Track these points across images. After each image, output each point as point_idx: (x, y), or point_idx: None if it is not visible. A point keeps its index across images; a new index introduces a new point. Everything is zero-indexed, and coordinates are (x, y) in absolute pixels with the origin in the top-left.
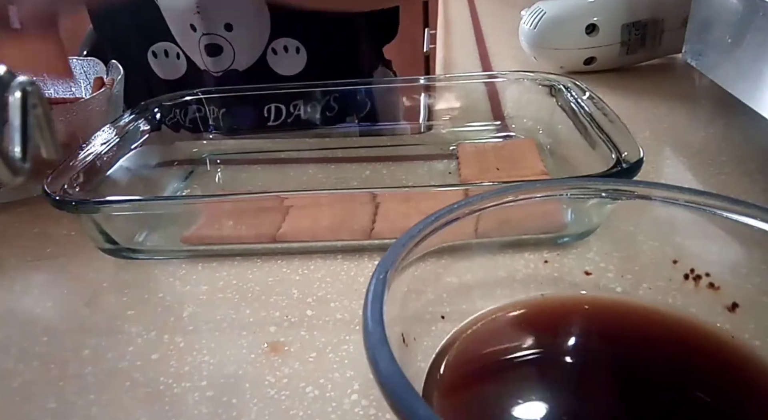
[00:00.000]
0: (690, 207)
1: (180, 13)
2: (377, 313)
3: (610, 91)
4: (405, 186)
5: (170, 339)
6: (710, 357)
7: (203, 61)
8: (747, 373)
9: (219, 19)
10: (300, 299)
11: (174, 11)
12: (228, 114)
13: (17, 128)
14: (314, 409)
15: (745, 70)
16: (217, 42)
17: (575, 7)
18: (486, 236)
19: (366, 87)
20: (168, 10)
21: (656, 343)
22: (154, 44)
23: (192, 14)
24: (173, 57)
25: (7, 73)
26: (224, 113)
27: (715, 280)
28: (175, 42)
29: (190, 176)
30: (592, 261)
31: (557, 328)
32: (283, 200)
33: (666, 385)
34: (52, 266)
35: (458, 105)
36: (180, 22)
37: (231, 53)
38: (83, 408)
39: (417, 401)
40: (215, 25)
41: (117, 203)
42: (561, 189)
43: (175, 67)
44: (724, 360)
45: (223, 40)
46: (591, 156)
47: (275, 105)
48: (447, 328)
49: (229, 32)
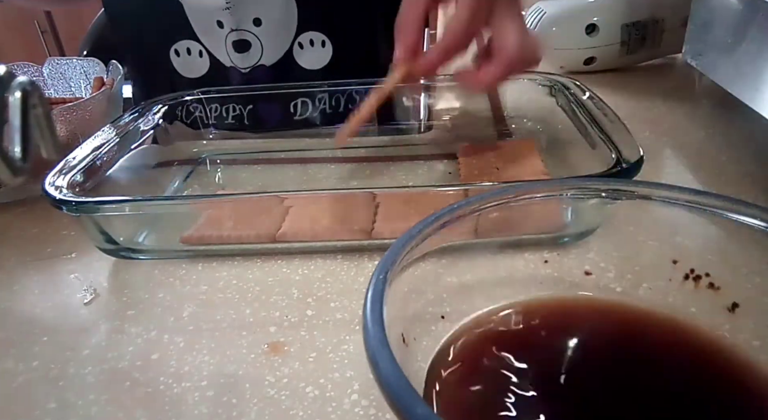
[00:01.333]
0: (690, 207)
1: (206, 11)
2: (377, 313)
3: (610, 91)
4: (405, 186)
5: (170, 339)
6: (709, 357)
7: (230, 58)
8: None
9: (248, 14)
10: (300, 299)
11: (199, 9)
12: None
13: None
14: (314, 409)
15: (745, 70)
16: (246, 38)
17: (575, 7)
18: (486, 236)
19: (366, 87)
20: (193, 8)
21: (656, 343)
22: (176, 43)
23: (221, 11)
24: (195, 55)
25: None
26: (250, 110)
27: (715, 280)
28: (197, 40)
29: (190, 176)
30: (592, 261)
31: (557, 329)
32: (283, 200)
33: (666, 386)
34: (52, 266)
35: (458, 105)
36: (205, 20)
37: (259, 48)
38: (83, 408)
39: (417, 401)
40: (244, 21)
41: (117, 203)
42: (561, 189)
43: (198, 65)
44: (724, 360)
45: (252, 35)
46: (591, 156)
47: (301, 100)
48: (447, 328)
49: (257, 27)
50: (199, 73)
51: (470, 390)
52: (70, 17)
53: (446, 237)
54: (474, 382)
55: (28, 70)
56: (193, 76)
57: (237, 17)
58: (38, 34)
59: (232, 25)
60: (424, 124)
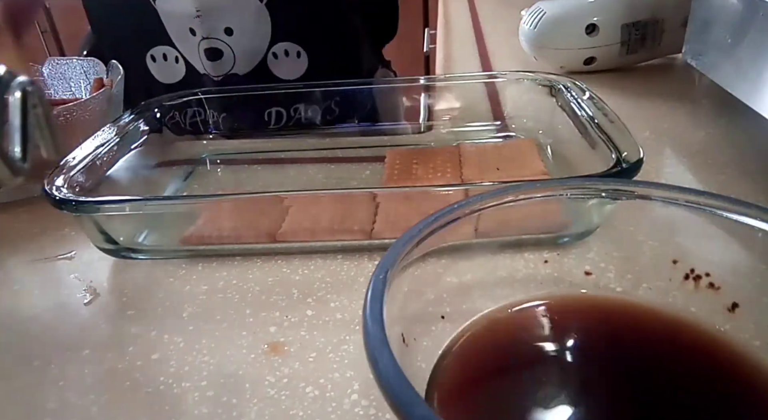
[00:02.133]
0: (690, 207)
1: (179, 17)
2: (377, 313)
3: (610, 91)
4: (405, 186)
5: (170, 339)
6: (709, 357)
7: (203, 66)
8: (746, 374)
9: (219, 23)
10: (300, 299)
11: (173, 15)
12: (228, 118)
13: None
14: (314, 409)
15: (745, 70)
16: (217, 46)
17: (575, 7)
18: (486, 236)
19: (366, 87)
20: (167, 14)
21: (656, 343)
22: (153, 48)
23: (192, 18)
24: (172, 61)
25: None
26: (224, 117)
27: (715, 280)
28: (173, 46)
29: (190, 176)
30: (592, 261)
31: (557, 329)
32: (283, 200)
33: (665, 386)
34: (52, 266)
35: (458, 105)
36: (179, 26)
37: (231, 57)
38: (83, 408)
39: (417, 401)
40: (215, 30)
41: (117, 203)
42: (561, 189)
43: (174, 71)
44: (723, 360)
45: (224, 44)
46: (591, 156)
47: (276, 109)
48: (447, 328)
49: (229, 36)
50: (175, 79)
51: (471, 391)
52: (70, 17)
53: (446, 237)
54: (475, 382)
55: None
56: (169, 82)
57: (207, 26)
58: (38, 34)
59: (203, 33)
60: (424, 124)
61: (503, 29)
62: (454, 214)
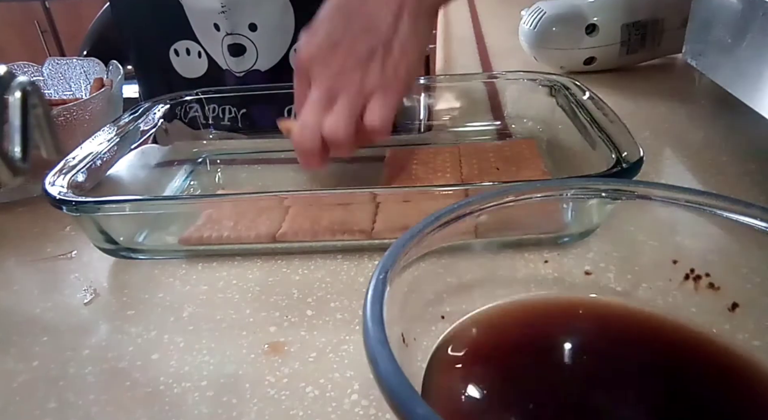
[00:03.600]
0: (690, 207)
1: (204, 12)
2: (377, 313)
3: (610, 91)
4: (405, 186)
5: (170, 339)
6: (709, 357)
7: (225, 61)
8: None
9: (244, 19)
10: (300, 299)
11: (198, 10)
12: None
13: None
14: (314, 409)
15: (745, 70)
16: (241, 42)
17: (575, 7)
18: (486, 236)
19: None
20: (192, 9)
21: (656, 343)
22: (177, 42)
23: (217, 14)
24: (195, 55)
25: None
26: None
27: (715, 280)
28: (197, 40)
29: (190, 176)
30: (592, 261)
31: (556, 329)
32: (283, 200)
33: (666, 386)
34: (52, 266)
35: (458, 105)
36: (204, 21)
37: (254, 53)
38: (83, 408)
39: (417, 401)
40: (240, 25)
41: (117, 203)
42: (561, 189)
43: (197, 65)
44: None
45: (247, 40)
46: (591, 156)
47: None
48: (447, 328)
49: (253, 32)
50: (197, 74)
51: (470, 390)
52: (70, 17)
53: (446, 237)
54: (473, 382)
55: (28, 70)
56: (191, 77)
57: (232, 21)
58: (38, 34)
59: (227, 29)
60: (424, 124)
61: (503, 29)
62: (454, 214)
